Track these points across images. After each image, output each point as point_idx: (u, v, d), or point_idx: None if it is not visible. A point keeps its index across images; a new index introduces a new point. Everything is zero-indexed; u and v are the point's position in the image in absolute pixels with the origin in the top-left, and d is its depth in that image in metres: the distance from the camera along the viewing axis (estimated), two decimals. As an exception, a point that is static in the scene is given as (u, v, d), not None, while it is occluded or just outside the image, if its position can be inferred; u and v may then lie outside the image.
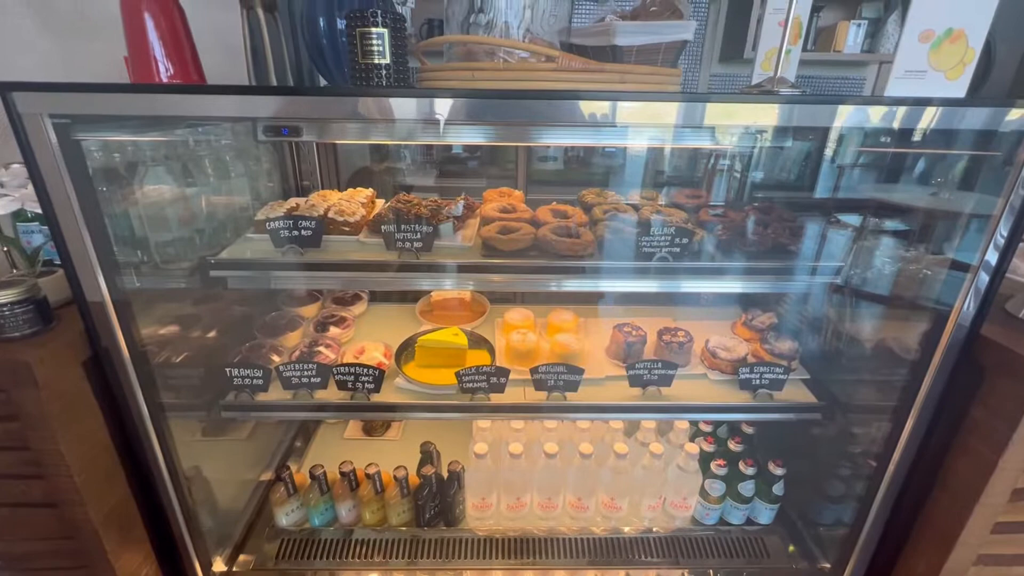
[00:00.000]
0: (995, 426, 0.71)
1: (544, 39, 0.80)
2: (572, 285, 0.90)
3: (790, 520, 1.13)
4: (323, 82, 0.98)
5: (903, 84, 0.68)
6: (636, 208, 1.08)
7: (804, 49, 2.83)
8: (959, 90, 0.67)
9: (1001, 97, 0.70)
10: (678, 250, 0.86)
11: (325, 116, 0.68)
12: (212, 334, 1.05)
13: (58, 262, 0.80)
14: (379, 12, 0.64)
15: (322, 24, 0.88)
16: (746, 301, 1.26)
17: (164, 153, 0.89)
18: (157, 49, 0.69)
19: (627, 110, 0.62)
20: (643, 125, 0.70)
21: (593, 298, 1.29)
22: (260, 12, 0.75)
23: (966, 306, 0.70)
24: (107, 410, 0.74)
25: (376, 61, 0.66)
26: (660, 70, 0.74)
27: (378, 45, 0.65)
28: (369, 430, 1.37)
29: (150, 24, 0.68)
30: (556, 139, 1.11)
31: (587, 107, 0.62)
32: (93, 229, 0.65)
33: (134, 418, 0.75)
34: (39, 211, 0.76)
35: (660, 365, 0.94)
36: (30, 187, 0.72)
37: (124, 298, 0.72)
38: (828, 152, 1.14)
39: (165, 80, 0.70)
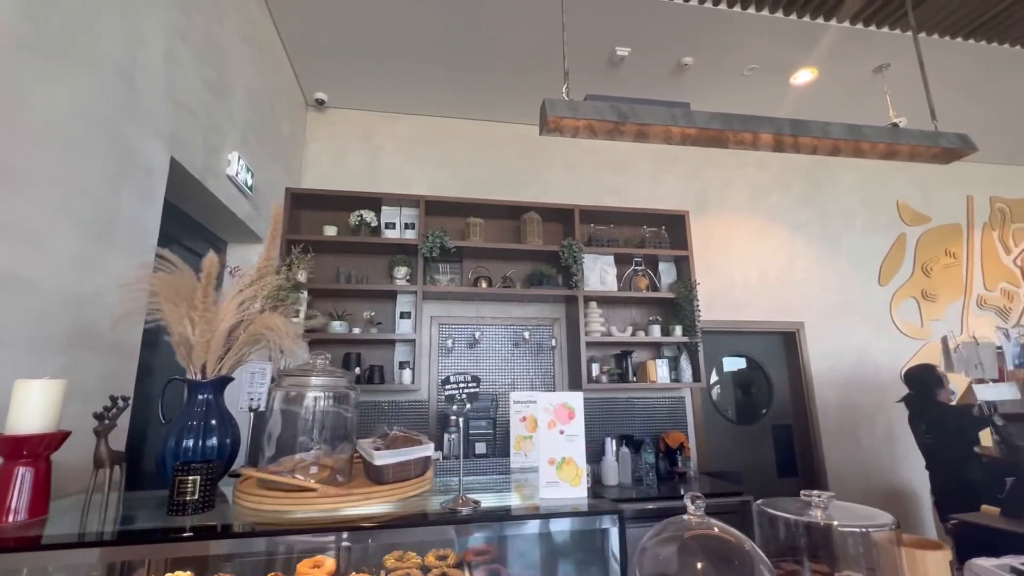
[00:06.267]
0: None
1: (332, 457, 1.17)
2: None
3: None
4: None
5: (549, 490, 1.07)
6: (427, 570, 1.29)
7: (627, 381, 3.65)
8: (582, 492, 1.07)
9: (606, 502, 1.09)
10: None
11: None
12: None
13: None
14: (191, 464, 0.97)
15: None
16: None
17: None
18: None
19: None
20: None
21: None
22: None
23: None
24: None
25: (188, 498, 0.95)
26: (407, 483, 1.10)
27: (191, 487, 0.96)
28: None
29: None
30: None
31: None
32: None
33: None
34: None
35: None
36: None
37: None
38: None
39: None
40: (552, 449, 1.08)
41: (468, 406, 1.04)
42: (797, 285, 4.22)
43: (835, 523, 1.05)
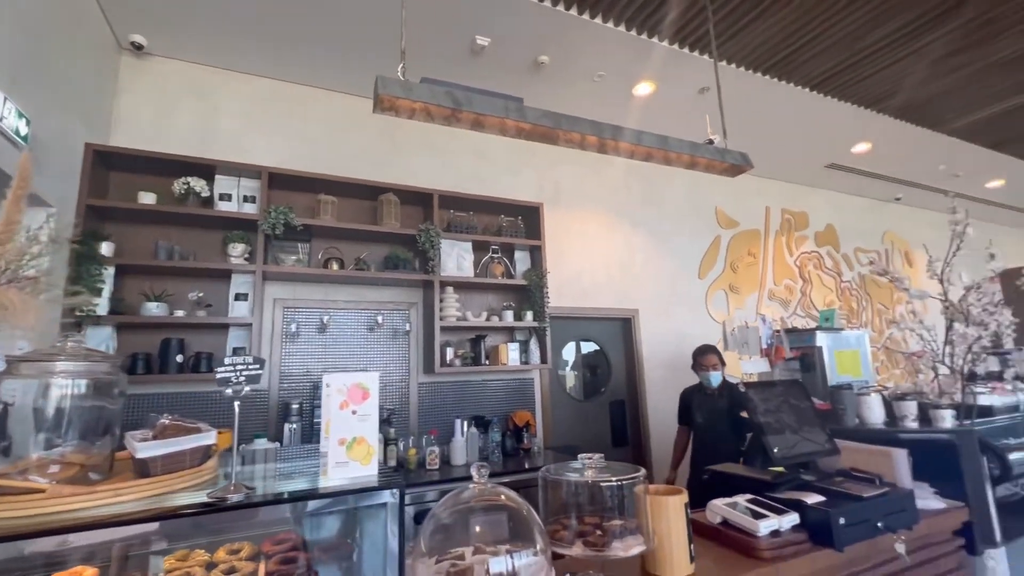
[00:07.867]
0: None
1: (85, 454, 1.03)
2: None
3: None
4: None
5: (337, 471, 1.06)
6: (213, 565, 1.21)
7: (480, 364, 3.76)
8: (372, 470, 1.08)
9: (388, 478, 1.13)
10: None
11: None
12: None
13: None
14: None
15: None
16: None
17: None
18: None
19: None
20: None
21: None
22: None
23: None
24: None
25: None
26: (177, 475, 1.01)
27: None
28: None
29: None
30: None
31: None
32: None
33: None
34: None
35: None
36: None
37: None
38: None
39: None
40: (343, 429, 1.07)
41: (246, 389, 0.99)
42: (635, 276, 4.73)
43: (600, 480, 1.20)
